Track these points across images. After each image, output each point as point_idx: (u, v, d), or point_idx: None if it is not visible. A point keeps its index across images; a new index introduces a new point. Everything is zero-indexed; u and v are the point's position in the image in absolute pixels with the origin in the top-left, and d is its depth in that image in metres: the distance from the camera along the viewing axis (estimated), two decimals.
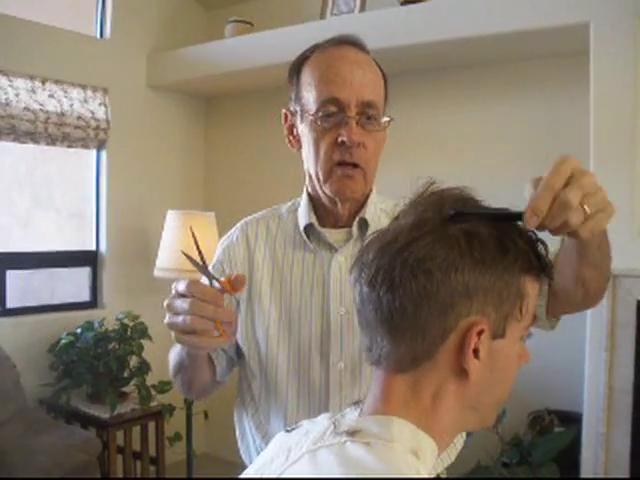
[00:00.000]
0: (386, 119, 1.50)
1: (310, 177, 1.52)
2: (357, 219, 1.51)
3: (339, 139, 1.41)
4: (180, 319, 1.16)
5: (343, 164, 1.43)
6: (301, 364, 1.49)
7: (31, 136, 3.99)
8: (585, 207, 0.91)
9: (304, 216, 1.53)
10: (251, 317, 1.54)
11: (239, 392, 1.63)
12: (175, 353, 1.47)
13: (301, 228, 1.53)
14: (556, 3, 3.02)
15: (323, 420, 0.97)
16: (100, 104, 4.34)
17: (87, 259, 4.52)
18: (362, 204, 1.53)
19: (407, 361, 0.89)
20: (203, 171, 5.07)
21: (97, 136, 4.33)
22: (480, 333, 0.86)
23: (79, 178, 4.58)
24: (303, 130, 1.49)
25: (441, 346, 0.87)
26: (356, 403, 1.00)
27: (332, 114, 1.41)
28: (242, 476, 1.02)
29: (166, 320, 1.20)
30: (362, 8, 3.81)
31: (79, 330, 3.93)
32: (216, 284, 1.18)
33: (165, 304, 1.20)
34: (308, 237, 1.52)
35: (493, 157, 3.66)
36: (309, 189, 1.56)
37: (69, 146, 4.22)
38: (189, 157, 5.01)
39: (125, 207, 4.56)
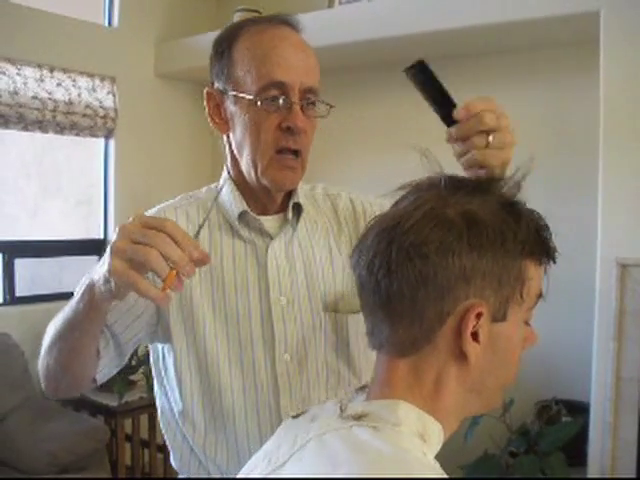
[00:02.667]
0: (325, 106, 1.42)
1: (237, 162, 1.44)
2: (291, 204, 1.45)
3: (283, 124, 1.33)
4: (136, 247, 1.00)
5: (283, 152, 1.35)
6: (244, 359, 1.40)
7: (39, 125, 3.99)
8: (490, 137, 1.20)
9: (234, 203, 1.43)
10: (182, 312, 1.41)
11: (162, 401, 1.51)
12: (62, 314, 1.27)
13: (234, 216, 1.42)
14: None
15: (330, 405, 0.97)
16: (108, 93, 4.34)
17: (95, 247, 4.52)
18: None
19: (407, 345, 0.89)
20: (210, 160, 5.06)
21: (105, 125, 4.33)
22: (479, 316, 0.85)
23: (87, 167, 4.59)
24: (235, 112, 1.38)
25: (440, 330, 0.87)
26: (362, 388, 1.00)
27: (275, 98, 1.33)
28: (251, 461, 1.03)
29: (114, 242, 1.03)
30: None
31: None
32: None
33: (121, 226, 1.04)
34: (239, 224, 1.43)
35: None
36: (233, 174, 1.47)
37: (77, 135, 4.22)
38: (197, 145, 5.00)
39: (133, 195, 4.56)
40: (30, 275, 4.24)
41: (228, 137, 1.45)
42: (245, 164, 1.40)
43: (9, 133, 4.02)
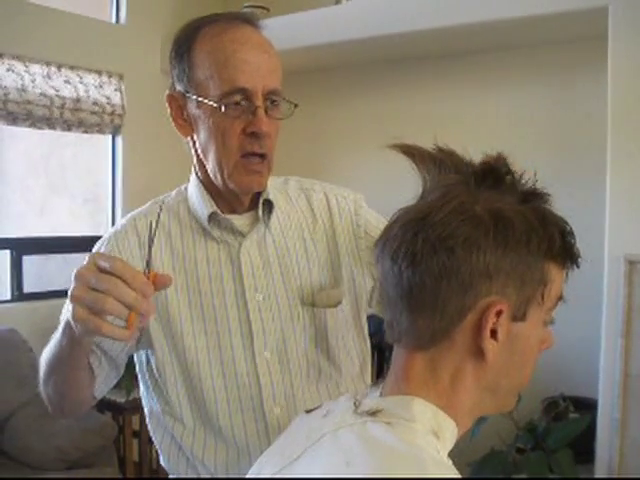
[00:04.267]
0: (288, 106, 1.40)
1: (203, 164, 1.43)
2: (261, 201, 1.44)
3: (248, 129, 1.32)
4: (92, 295, 1.00)
5: (249, 156, 1.34)
6: (224, 358, 1.40)
7: (47, 122, 4.00)
8: None
9: (203, 205, 1.43)
10: (159, 316, 1.41)
11: (149, 403, 1.52)
12: (51, 348, 1.29)
13: (204, 217, 1.42)
14: None
15: (344, 401, 0.97)
16: (115, 90, 4.35)
17: None
18: None
19: (426, 338, 0.89)
20: None
21: (112, 122, 4.34)
22: (499, 314, 0.85)
23: (94, 164, 4.60)
24: (199, 116, 1.37)
25: (459, 324, 0.87)
26: (376, 384, 1.00)
27: (238, 103, 1.31)
28: (263, 455, 1.03)
29: (72, 290, 1.03)
30: None
31: None
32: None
33: (77, 272, 1.03)
34: (210, 225, 1.43)
35: (509, 143, 3.61)
36: (201, 176, 1.46)
37: (84, 131, 4.23)
38: None
39: (140, 192, 4.55)
40: (38, 272, 4.26)
41: (192, 139, 1.44)
42: (211, 168, 1.39)
43: (17, 130, 4.03)
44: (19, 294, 4.08)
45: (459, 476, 0.82)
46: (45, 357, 1.34)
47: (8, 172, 4.24)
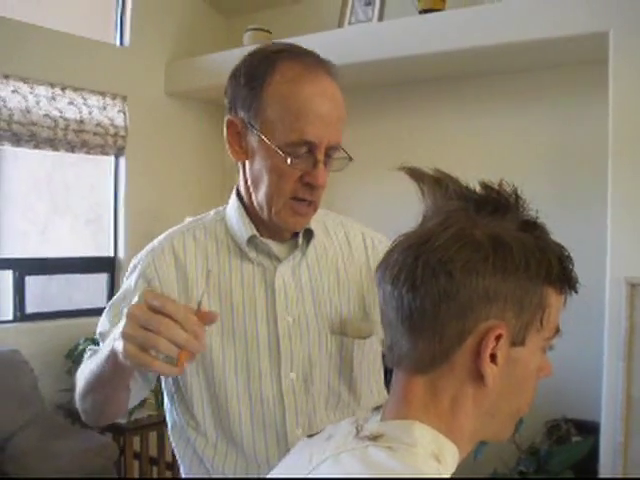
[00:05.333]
0: (343, 157, 1.41)
1: (249, 190, 1.44)
2: (302, 230, 1.46)
3: (305, 179, 1.34)
4: (143, 334, 1.07)
5: (299, 199, 1.37)
6: (251, 377, 1.43)
7: (51, 143, 4.02)
8: None
9: (242, 227, 1.45)
10: None
11: (173, 416, 1.54)
12: (91, 369, 1.33)
13: (243, 240, 1.44)
14: (576, 12, 3.02)
15: (345, 425, 0.97)
16: (119, 111, 4.37)
17: (105, 265, 4.54)
18: None
19: (426, 361, 0.89)
20: (221, 178, 5.08)
21: (115, 143, 4.36)
22: (498, 338, 0.86)
23: (97, 184, 4.61)
24: (258, 151, 1.38)
25: (459, 348, 0.87)
26: (377, 408, 1.00)
27: (301, 151, 1.33)
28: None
29: (123, 328, 1.10)
30: (380, 17, 3.82)
31: (97, 336, 3.94)
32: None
33: (128, 312, 1.10)
34: (249, 247, 1.45)
35: (510, 165, 3.66)
36: (245, 199, 1.47)
37: (88, 152, 4.25)
38: (207, 165, 5.03)
39: (143, 214, 4.58)
40: (40, 292, 4.27)
41: (244, 165, 1.45)
42: (259, 200, 1.41)
43: (19, 151, 4.06)
44: (21, 314, 4.09)
45: None
46: (85, 376, 1.38)
47: (11, 192, 4.26)
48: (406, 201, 1.31)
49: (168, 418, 1.57)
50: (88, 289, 4.58)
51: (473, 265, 0.85)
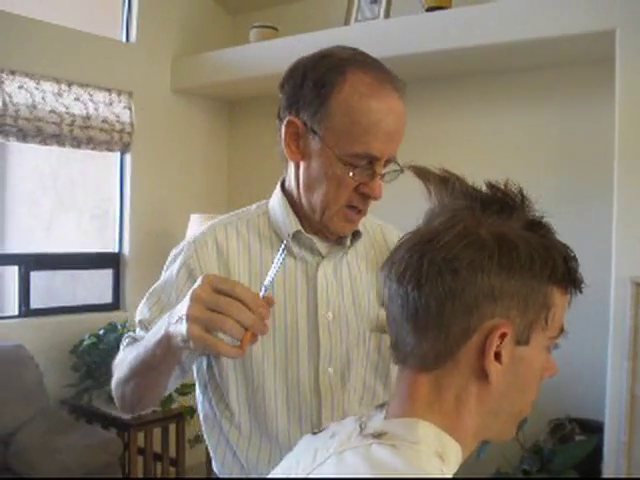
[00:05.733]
0: (395, 170, 1.42)
1: (298, 188, 1.46)
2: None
3: (361, 190, 1.37)
4: (209, 315, 1.09)
5: (352, 207, 1.40)
6: (289, 370, 1.45)
7: (56, 138, 4.03)
8: None
9: (287, 222, 1.47)
10: None
11: (205, 407, 1.56)
12: (138, 354, 1.34)
13: (289, 234, 1.46)
14: (582, 10, 3.01)
15: (349, 422, 0.97)
16: (125, 107, 4.38)
17: (110, 261, 4.55)
18: None
19: (430, 359, 0.89)
20: (226, 175, 5.09)
21: (121, 139, 4.37)
22: (503, 336, 0.86)
23: (102, 180, 4.62)
24: (318, 156, 1.39)
25: (463, 346, 0.87)
26: (381, 405, 1.00)
27: (361, 166, 1.36)
28: (269, 476, 1.03)
29: (188, 309, 1.11)
30: (387, 14, 3.82)
31: (102, 331, 3.96)
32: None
33: (193, 293, 1.11)
34: (292, 242, 1.47)
35: (515, 164, 3.65)
36: (294, 195, 1.49)
37: (93, 149, 4.26)
38: (212, 161, 5.04)
39: (148, 210, 4.59)
40: (45, 287, 4.28)
41: (298, 165, 1.46)
42: (313, 203, 1.43)
43: (25, 147, 4.07)
44: (26, 310, 4.10)
45: None
46: (129, 361, 1.38)
47: (17, 188, 4.27)
48: (412, 200, 1.32)
49: (200, 409, 1.59)
50: (93, 285, 4.59)
51: (478, 263, 0.85)
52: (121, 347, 1.51)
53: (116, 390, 1.46)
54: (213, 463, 1.58)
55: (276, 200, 1.53)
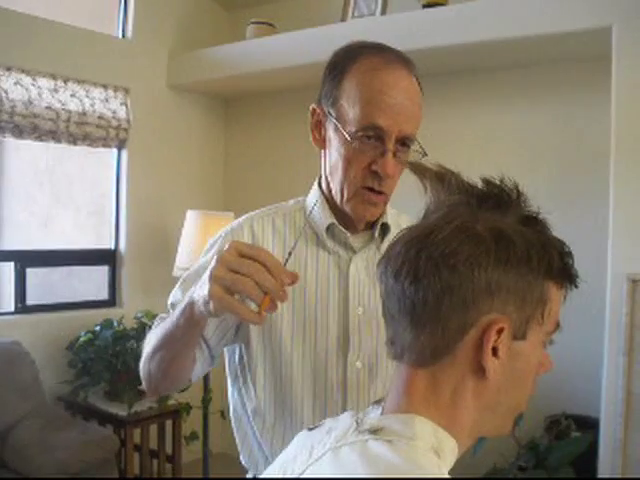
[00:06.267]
0: (416, 150, 1.44)
1: (328, 182, 1.50)
2: (380, 223, 1.50)
3: (373, 167, 1.38)
4: (232, 276, 1.10)
5: (369, 189, 1.41)
6: (317, 363, 1.46)
7: (53, 135, 4.02)
8: None
9: (322, 215, 1.50)
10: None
11: (234, 397, 1.58)
12: (164, 327, 1.36)
13: (322, 227, 1.49)
14: (578, 7, 3.01)
15: (346, 418, 0.97)
16: (121, 104, 4.37)
17: (106, 257, 4.55)
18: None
19: (427, 354, 0.89)
20: (222, 171, 5.09)
21: (118, 135, 4.36)
22: (500, 331, 0.86)
23: (99, 177, 4.62)
24: (333, 138, 1.44)
25: (460, 341, 0.88)
26: (377, 402, 1.00)
27: (370, 137, 1.37)
28: (266, 472, 1.03)
29: (212, 270, 1.12)
30: (383, 11, 3.82)
31: (98, 328, 3.96)
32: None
33: (219, 256, 1.13)
34: (326, 236, 1.50)
35: (511, 161, 3.65)
36: (324, 189, 1.53)
37: (90, 145, 4.25)
38: (208, 157, 5.04)
39: (144, 206, 4.59)
40: (41, 284, 4.27)
41: (325, 154, 1.50)
42: (334, 188, 1.47)
43: (21, 143, 4.06)
44: (22, 306, 4.09)
45: None
46: (156, 335, 1.39)
47: (13, 184, 4.26)
48: (409, 196, 1.32)
49: (230, 400, 1.61)
50: (89, 281, 4.59)
51: (476, 258, 0.85)
52: (152, 328, 1.51)
53: (143, 369, 1.47)
54: (240, 456, 1.61)
55: (312, 196, 1.56)
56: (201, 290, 1.16)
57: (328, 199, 1.51)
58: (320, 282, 1.49)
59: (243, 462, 1.61)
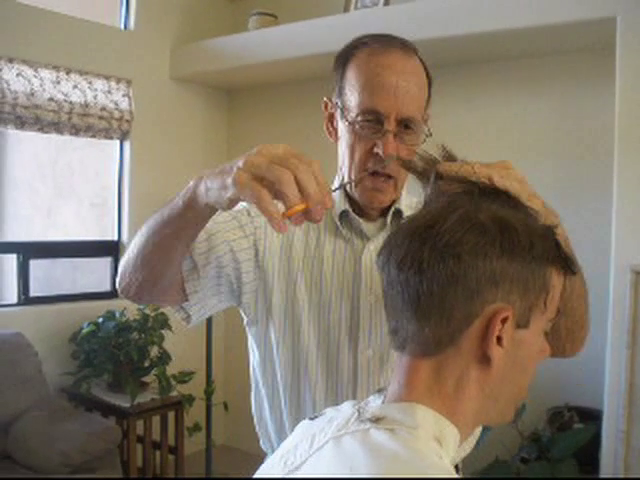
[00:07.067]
0: (425, 131, 1.44)
1: (343, 172, 1.51)
2: (392, 209, 1.51)
3: (374, 149, 1.39)
4: (272, 165, 0.94)
5: (376, 173, 1.42)
6: (330, 348, 1.48)
7: (55, 126, 4.02)
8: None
9: (338, 202, 1.51)
10: (286, 294, 1.49)
11: (256, 378, 1.60)
12: (159, 212, 1.24)
13: (337, 213, 1.50)
14: None
15: (347, 407, 0.98)
16: (124, 95, 4.36)
17: (109, 249, 4.55)
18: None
19: (431, 345, 0.89)
20: (225, 162, 5.08)
21: (120, 127, 4.35)
22: (504, 321, 0.86)
23: (101, 168, 4.61)
24: (342, 127, 1.46)
25: (465, 331, 0.88)
26: (380, 391, 1.00)
27: (369, 121, 1.38)
28: (267, 462, 1.03)
29: (248, 157, 0.97)
30: (386, 2, 3.81)
31: (100, 320, 3.96)
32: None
33: (261, 147, 0.99)
34: (341, 223, 1.51)
35: (515, 152, 3.64)
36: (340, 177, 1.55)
37: (92, 136, 4.25)
38: (211, 149, 5.03)
39: (147, 198, 4.58)
40: (44, 275, 4.27)
41: (339, 145, 1.52)
42: (345, 176, 1.48)
43: (24, 134, 4.05)
44: (25, 298, 4.10)
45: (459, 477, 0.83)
46: (146, 223, 1.27)
47: (16, 176, 4.26)
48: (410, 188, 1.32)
49: (252, 381, 1.62)
50: (92, 273, 4.59)
51: (481, 248, 0.85)
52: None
53: (124, 262, 1.35)
54: (260, 442, 1.63)
55: (333, 185, 1.57)
56: (216, 179, 1.04)
57: (345, 189, 1.53)
58: (335, 270, 1.50)
59: (263, 448, 1.63)
